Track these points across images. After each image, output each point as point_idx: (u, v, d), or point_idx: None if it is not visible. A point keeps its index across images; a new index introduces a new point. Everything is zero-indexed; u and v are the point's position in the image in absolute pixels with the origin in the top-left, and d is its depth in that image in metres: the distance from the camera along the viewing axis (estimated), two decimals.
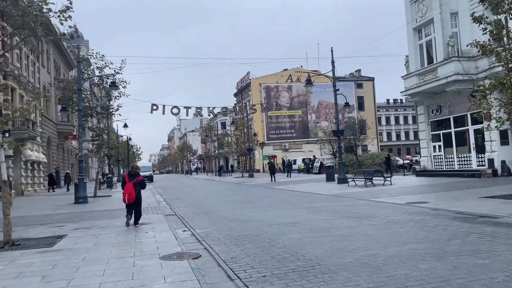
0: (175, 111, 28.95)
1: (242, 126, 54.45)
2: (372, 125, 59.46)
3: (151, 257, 6.84)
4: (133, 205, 10.77)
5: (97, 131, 25.57)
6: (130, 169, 11.63)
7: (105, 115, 25.74)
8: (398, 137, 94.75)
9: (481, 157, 22.09)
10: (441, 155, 25.08)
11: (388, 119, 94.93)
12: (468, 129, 22.99)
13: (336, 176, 25.49)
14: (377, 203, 13.39)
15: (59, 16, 9.53)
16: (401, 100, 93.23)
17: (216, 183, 37.09)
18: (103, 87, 25.32)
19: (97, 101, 25.68)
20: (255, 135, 53.70)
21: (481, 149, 22.19)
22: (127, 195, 10.58)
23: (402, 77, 26.03)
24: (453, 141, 24.05)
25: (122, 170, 56.12)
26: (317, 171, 41.23)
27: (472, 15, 13.28)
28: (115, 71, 22.72)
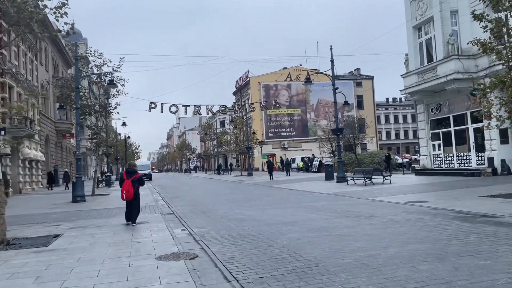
0: (174, 109, 28.91)
1: (241, 124, 54.37)
2: (371, 124, 59.45)
3: (147, 257, 6.74)
4: (131, 202, 10.83)
5: (95, 129, 25.45)
6: (127, 167, 11.64)
7: (103, 113, 25.61)
8: (397, 135, 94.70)
9: (481, 156, 22.01)
10: (440, 154, 24.99)
11: (387, 118, 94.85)
12: (467, 128, 22.90)
13: (335, 175, 25.40)
14: (376, 202, 13.30)
15: (55, 12, 9.43)
16: (401, 99, 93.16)
17: (214, 182, 36.99)
18: (101, 85, 25.19)
19: (96, 99, 25.55)
20: (254, 133, 53.62)
21: (480, 148, 22.10)
22: (125, 192, 10.68)
23: (401, 75, 25.94)
24: (453, 140, 23.96)
25: (121, 168, 56.03)
26: (316, 170, 41.17)
27: (472, 12, 13.19)
28: (113, 69, 22.63)
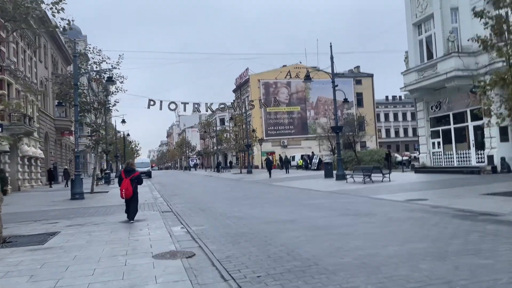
0: (173, 106, 28.85)
1: (240, 122, 54.28)
2: (371, 122, 59.39)
3: (144, 255, 6.66)
4: (130, 200, 10.87)
5: (94, 126, 25.33)
6: (125, 166, 11.64)
7: (102, 111, 25.49)
8: (397, 133, 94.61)
9: (481, 154, 21.93)
10: (440, 152, 24.92)
11: (387, 116, 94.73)
12: (467, 126, 22.81)
13: (334, 172, 25.32)
14: (376, 200, 13.22)
15: (51, 8, 9.33)
16: (400, 96, 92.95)
17: (214, 180, 36.91)
18: (100, 82, 25.06)
19: (95, 96, 25.41)
20: (254, 131, 53.54)
21: (480, 146, 22.02)
22: (124, 190, 10.74)
23: (401, 73, 25.85)
24: (453, 138, 23.88)
25: (120, 166, 55.94)
26: (315, 168, 41.10)
27: (473, 9, 13.10)
28: (112, 66, 22.52)
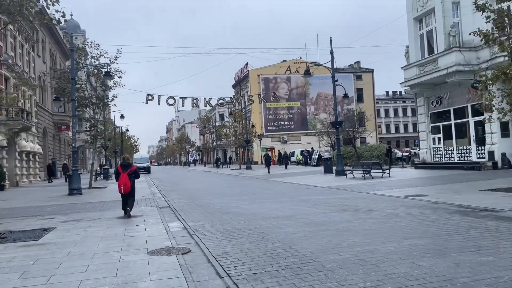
0: (171, 101, 28.69)
1: (240, 117, 54.10)
2: (371, 117, 59.23)
3: (139, 252, 6.54)
4: (128, 195, 10.82)
5: (92, 121, 25.16)
6: (122, 161, 11.54)
7: (101, 106, 25.31)
8: (397, 129, 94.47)
9: (481, 150, 21.80)
10: (440, 147, 24.79)
11: (387, 111, 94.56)
12: (468, 121, 22.67)
13: (334, 168, 25.20)
14: (375, 196, 13.11)
15: (46, 0, 9.16)
16: (400, 92, 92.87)
17: (213, 175, 36.81)
18: (98, 77, 24.87)
19: (94, 91, 25.21)
20: (253, 126, 53.37)
21: (481, 141, 21.88)
22: (122, 185, 10.67)
23: (402, 68, 25.66)
24: (453, 133, 23.75)
25: (119, 161, 55.81)
26: (315, 164, 40.98)
27: (475, 3, 12.94)
28: (110, 60, 22.34)
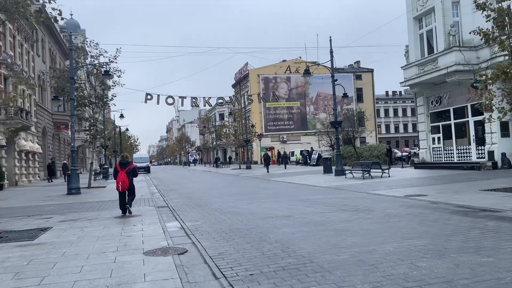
0: (170, 101, 28.60)
1: (240, 117, 54.01)
2: (370, 117, 59.11)
3: (135, 252, 6.46)
4: (126, 193, 10.80)
5: (92, 121, 25.08)
6: (120, 159, 11.50)
7: (100, 105, 25.24)
8: (396, 129, 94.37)
9: (481, 149, 21.72)
10: (440, 147, 24.71)
11: (387, 111, 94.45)
12: (468, 121, 22.59)
13: (333, 168, 25.12)
14: (374, 195, 13.03)
15: None
16: (400, 92, 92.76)
17: (213, 175, 36.73)
18: (97, 76, 24.80)
19: (93, 91, 25.15)
20: (253, 126, 53.28)
21: (481, 141, 21.81)
22: (120, 183, 10.67)
23: (401, 67, 25.59)
24: (453, 133, 23.67)
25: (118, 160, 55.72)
26: (314, 163, 40.91)
27: (475, 1, 12.86)
28: (109, 59, 22.26)
